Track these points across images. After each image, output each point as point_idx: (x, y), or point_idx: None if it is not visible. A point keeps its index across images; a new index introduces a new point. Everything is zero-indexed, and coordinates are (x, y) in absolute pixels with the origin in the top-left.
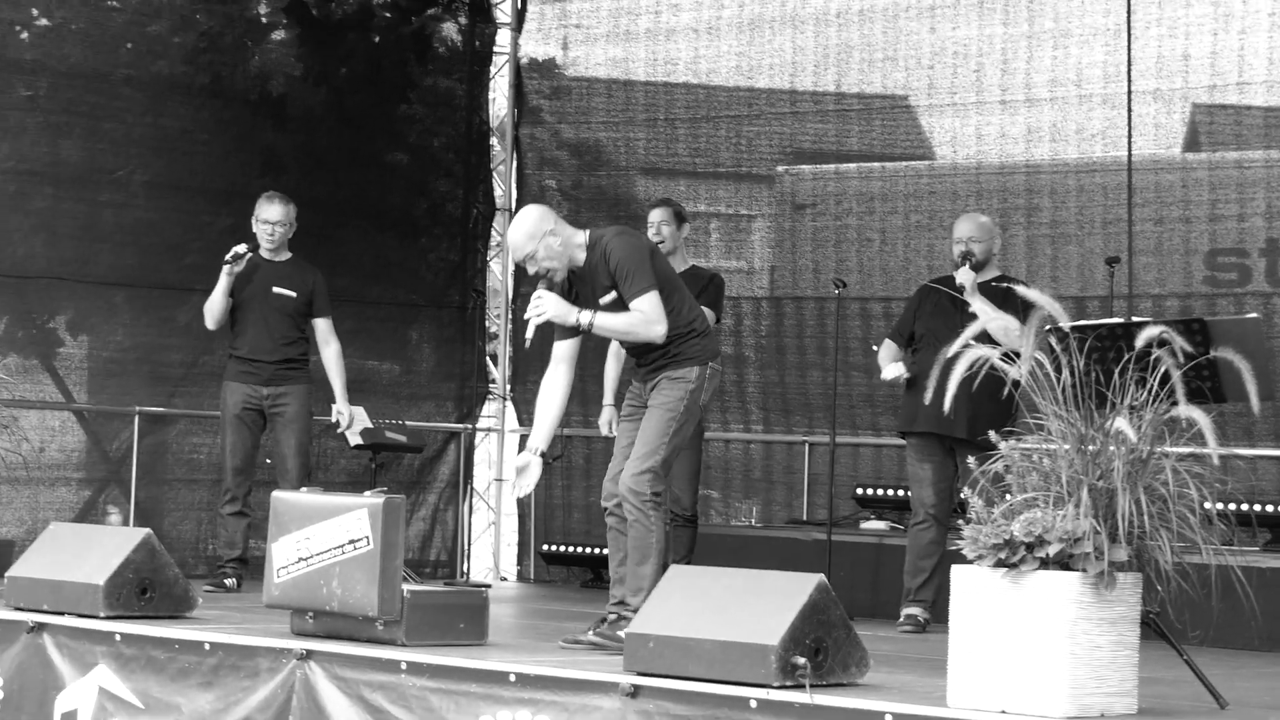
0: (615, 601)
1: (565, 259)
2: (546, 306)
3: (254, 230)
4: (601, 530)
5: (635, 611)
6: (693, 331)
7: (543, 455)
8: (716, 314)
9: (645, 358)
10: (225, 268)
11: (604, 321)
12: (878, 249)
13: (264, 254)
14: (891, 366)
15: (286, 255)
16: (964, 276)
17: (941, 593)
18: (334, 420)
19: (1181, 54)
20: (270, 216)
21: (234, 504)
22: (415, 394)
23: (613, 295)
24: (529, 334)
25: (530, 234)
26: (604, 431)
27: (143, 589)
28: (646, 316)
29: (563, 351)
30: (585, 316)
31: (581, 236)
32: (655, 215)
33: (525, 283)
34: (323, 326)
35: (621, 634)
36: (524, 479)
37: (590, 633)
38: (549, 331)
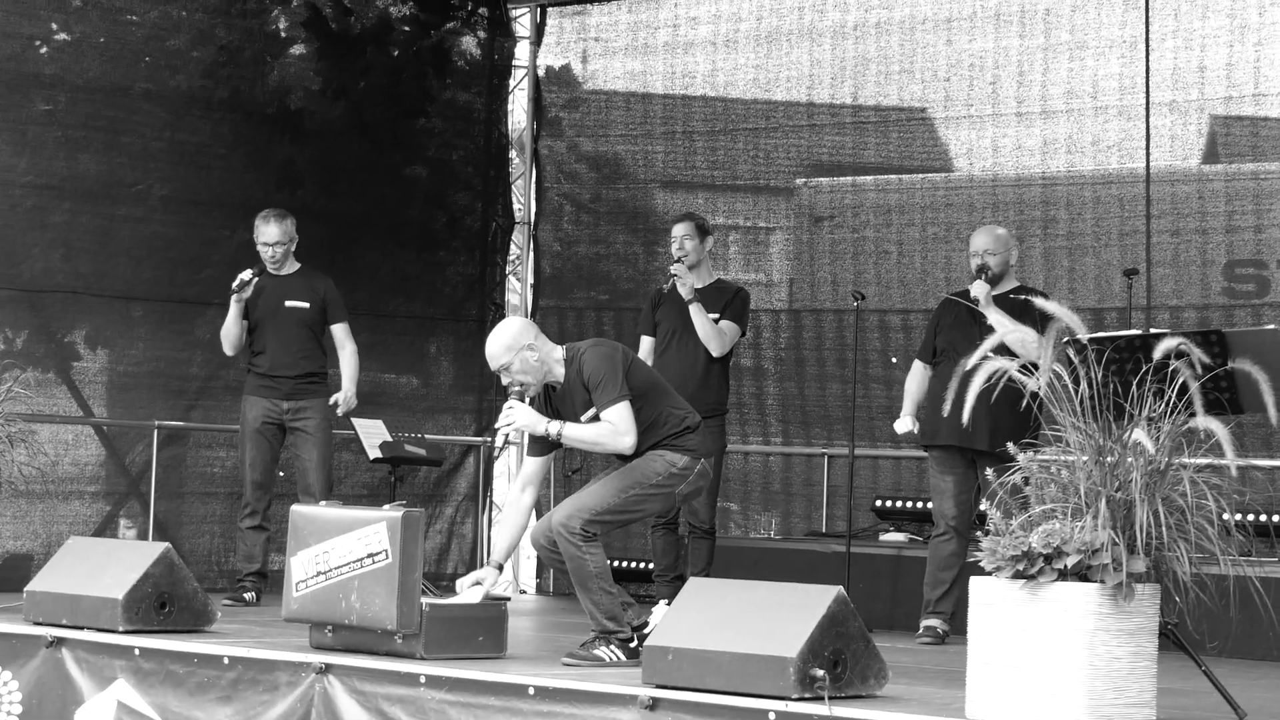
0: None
1: (541, 375)
2: (516, 417)
3: (258, 251)
4: (622, 543)
5: (603, 632)
6: (687, 429)
7: (499, 568)
8: (742, 328)
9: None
10: (234, 296)
11: (572, 432)
12: (895, 261)
13: (270, 270)
14: (903, 421)
15: (295, 267)
16: (978, 290)
17: (961, 605)
18: (331, 401)
19: (1198, 65)
20: (269, 238)
21: (253, 518)
22: (434, 407)
23: (592, 412)
24: (499, 442)
25: (508, 346)
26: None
27: (161, 603)
28: (616, 428)
29: (531, 473)
30: (554, 427)
31: (560, 352)
32: (678, 230)
33: (544, 296)
34: (339, 331)
35: (598, 651)
36: (472, 593)
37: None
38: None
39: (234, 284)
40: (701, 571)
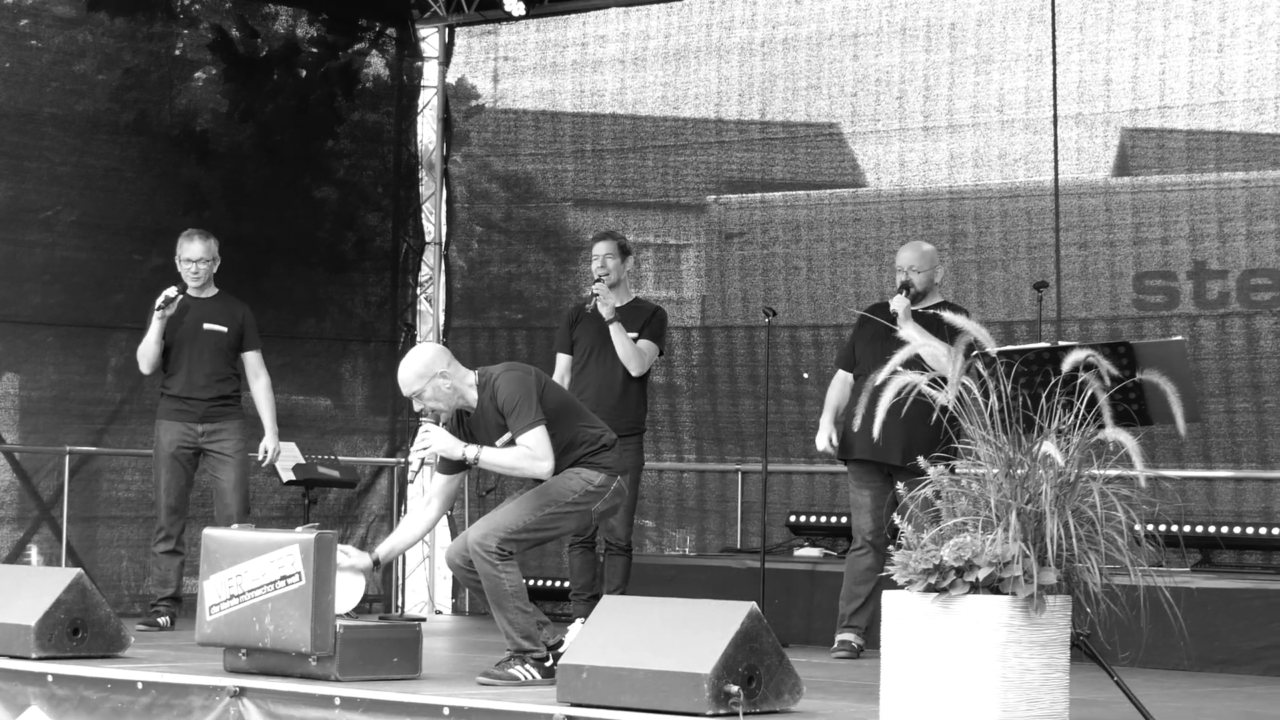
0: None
1: (454, 401)
2: (432, 440)
3: (179, 270)
4: (538, 562)
5: (519, 651)
6: (603, 447)
7: (376, 563)
8: (660, 347)
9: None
10: (157, 313)
11: (490, 457)
12: (805, 277)
13: (191, 292)
14: (820, 437)
15: (213, 291)
16: (897, 304)
17: (876, 619)
18: (260, 457)
19: (1104, 79)
20: (192, 254)
21: (167, 542)
22: (346, 428)
23: (507, 437)
24: (414, 465)
25: (420, 374)
26: None
27: (74, 629)
28: (533, 452)
29: (439, 488)
30: (471, 451)
31: (472, 377)
32: (600, 248)
33: (456, 317)
34: (253, 359)
35: (513, 670)
36: (346, 585)
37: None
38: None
39: (158, 300)
40: (618, 589)
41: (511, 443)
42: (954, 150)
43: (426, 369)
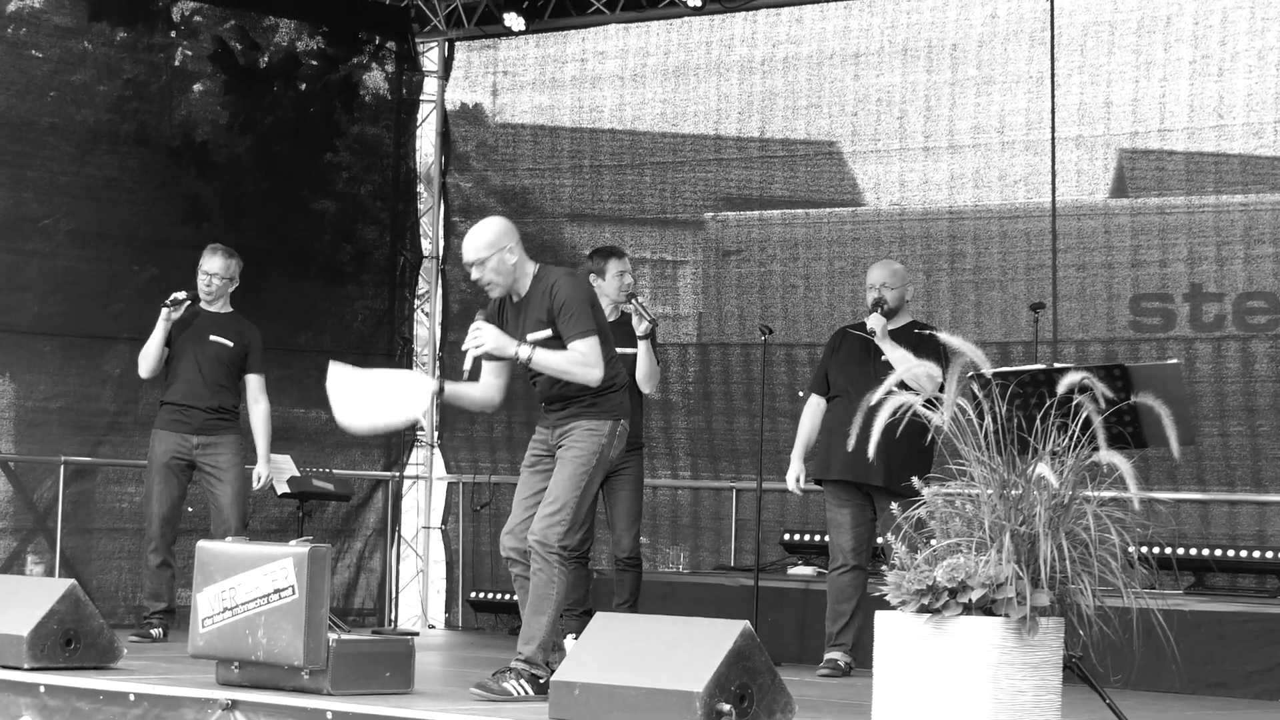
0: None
1: (509, 280)
2: (485, 338)
3: (197, 279)
4: None
5: (525, 661)
6: (612, 386)
7: (441, 389)
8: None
9: (557, 403)
10: (164, 311)
11: (542, 357)
12: (802, 295)
13: (203, 305)
14: (790, 472)
15: (227, 309)
16: (874, 322)
17: (862, 636)
18: (254, 479)
19: (1104, 101)
20: (210, 268)
21: (157, 554)
22: (342, 441)
23: (544, 334)
24: (467, 364)
25: (489, 244)
26: None
27: (67, 640)
28: (585, 359)
29: (494, 369)
30: (525, 351)
31: (532, 267)
32: (614, 266)
33: (452, 330)
34: (254, 383)
35: (507, 685)
36: (418, 392)
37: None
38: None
39: (167, 299)
40: (626, 603)
41: (554, 344)
42: (954, 170)
43: (497, 240)
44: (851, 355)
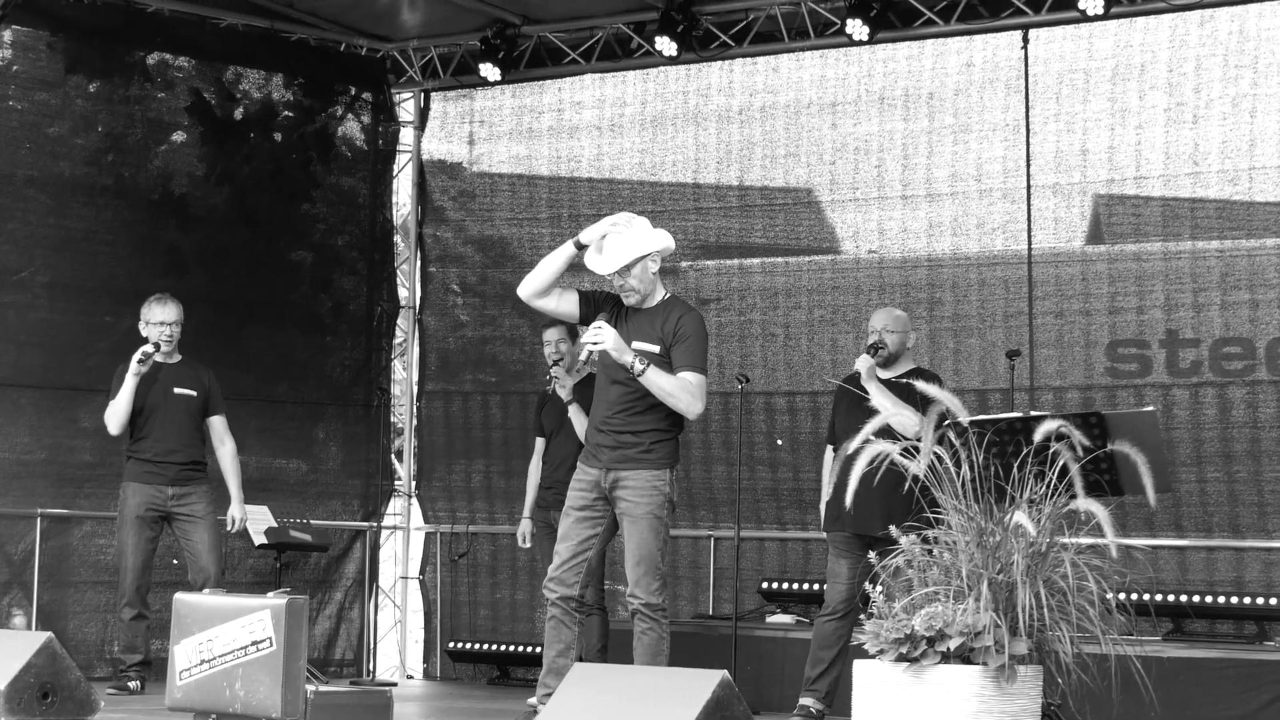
0: (546, 692)
1: (646, 291)
2: (605, 338)
3: (144, 334)
4: (509, 627)
5: None
6: (673, 431)
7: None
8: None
9: (625, 435)
10: (136, 367)
11: (655, 377)
12: (781, 344)
13: (158, 357)
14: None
15: (178, 356)
16: (861, 363)
17: (839, 686)
18: (228, 525)
19: (1080, 149)
20: (168, 317)
21: (131, 608)
22: (322, 492)
23: (653, 348)
24: (582, 357)
25: (645, 248)
26: (521, 544)
27: (44, 693)
28: (693, 389)
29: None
30: (639, 365)
31: (663, 290)
32: (551, 335)
33: (430, 380)
34: (218, 424)
35: None
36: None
37: None
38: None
39: (137, 356)
40: (596, 648)
41: (661, 364)
42: (932, 218)
43: (649, 247)
44: (851, 406)
